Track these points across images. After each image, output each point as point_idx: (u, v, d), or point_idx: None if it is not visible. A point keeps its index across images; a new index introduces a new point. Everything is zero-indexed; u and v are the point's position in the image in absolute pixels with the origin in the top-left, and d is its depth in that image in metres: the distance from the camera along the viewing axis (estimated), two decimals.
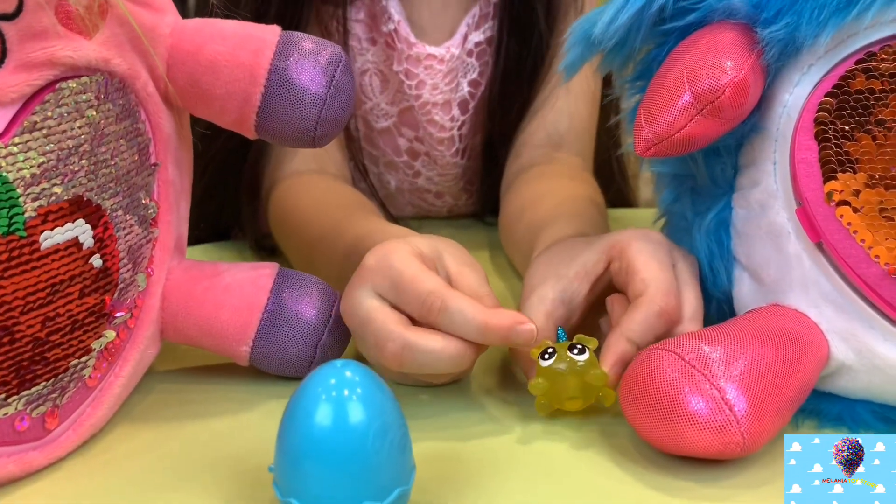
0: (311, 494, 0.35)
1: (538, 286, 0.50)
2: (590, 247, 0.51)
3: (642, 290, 0.47)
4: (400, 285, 0.45)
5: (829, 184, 0.43)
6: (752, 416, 0.40)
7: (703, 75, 0.43)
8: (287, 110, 0.47)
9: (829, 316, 0.44)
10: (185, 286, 0.50)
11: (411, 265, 0.46)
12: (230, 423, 0.48)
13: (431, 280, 0.45)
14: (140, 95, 0.46)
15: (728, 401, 0.40)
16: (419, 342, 0.44)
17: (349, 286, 0.48)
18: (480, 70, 0.72)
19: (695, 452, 0.41)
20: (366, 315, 0.45)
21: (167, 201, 0.49)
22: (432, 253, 0.48)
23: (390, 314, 0.45)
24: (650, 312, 0.46)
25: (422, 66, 0.70)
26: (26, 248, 0.40)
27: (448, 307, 0.44)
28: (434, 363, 0.44)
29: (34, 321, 0.41)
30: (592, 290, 0.50)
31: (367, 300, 0.46)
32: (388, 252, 0.46)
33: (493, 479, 0.42)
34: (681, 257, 0.49)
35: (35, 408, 0.42)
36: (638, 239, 0.49)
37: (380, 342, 0.45)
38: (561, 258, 0.51)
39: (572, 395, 0.45)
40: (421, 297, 0.44)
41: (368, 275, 0.46)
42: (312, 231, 0.62)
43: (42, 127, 0.40)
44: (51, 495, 0.42)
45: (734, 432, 0.40)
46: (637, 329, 0.46)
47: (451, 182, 0.76)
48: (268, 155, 0.69)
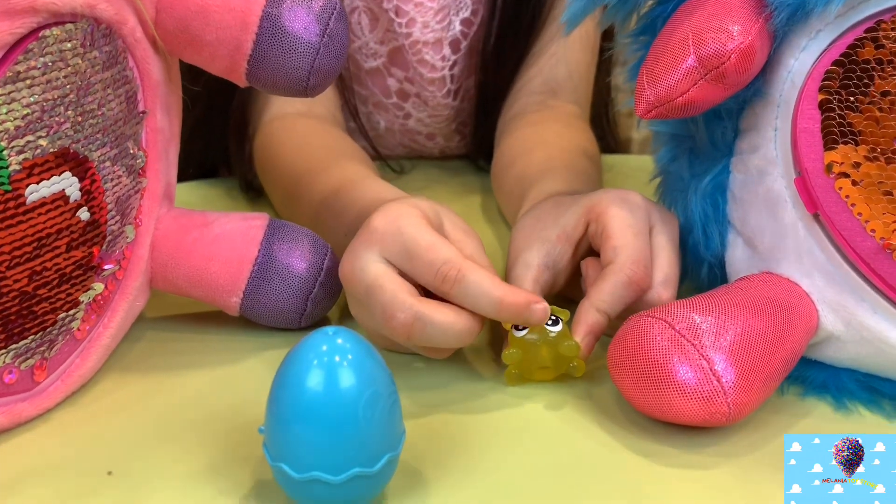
0: (300, 460, 0.36)
1: (523, 251, 0.49)
2: (570, 209, 0.50)
3: (612, 259, 0.47)
4: (414, 252, 0.43)
5: (829, 155, 0.42)
6: (739, 387, 0.41)
7: (709, 39, 0.42)
8: (279, 59, 0.46)
9: (820, 286, 0.44)
10: (175, 236, 0.49)
11: (425, 232, 0.44)
12: (219, 375, 0.48)
13: (447, 249, 0.43)
14: (128, 41, 0.44)
15: (716, 371, 0.40)
16: (432, 315, 0.42)
17: (352, 248, 0.46)
18: (473, 8, 0.70)
19: (681, 420, 0.41)
20: (373, 281, 0.43)
21: (156, 149, 0.48)
22: (434, 216, 0.47)
23: (401, 283, 0.43)
24: (618, 282, 0.46)
25: (412, 4, 0.68)
26: (11, 203, 0.39)
27: (465, 278, 0.43)
28: (443, 337, 0.43)
29: (21, 276, 0.41)
30: (576, 254, 0.50)
31: (373, 265, 0.44)
32: (398, 216, 0.44)
33: (480, 443, 0.42)
34: (659, 220, 0.49)
35: (23, 360, 0.42)
36: (615, 202, 0.48)
37: (389, 311, 0.43)
38: (545, 221, 0.51)
39: (543, 364, 0.45)
40: (436, 266, 0.43)
41: (376, 238, 0.44)
42: (291, 177, 0.61)
43: (25, 77, 0.39)
44: (40, 445, 0.42)
45: (721, 402, 0.40)
46: (606, 299, 0.46)
47: (442, 124, 0.75)
48: (255, 95, 0.68)
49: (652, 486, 0.40)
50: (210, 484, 0.39)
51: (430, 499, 0.39)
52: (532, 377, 0.46)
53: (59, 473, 0.40)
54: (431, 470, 0.40)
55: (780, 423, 0.44)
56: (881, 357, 0.44)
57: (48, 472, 0.40)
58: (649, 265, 0.47)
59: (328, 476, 0.35)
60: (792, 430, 0.43)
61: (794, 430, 0.43)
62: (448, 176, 0.76)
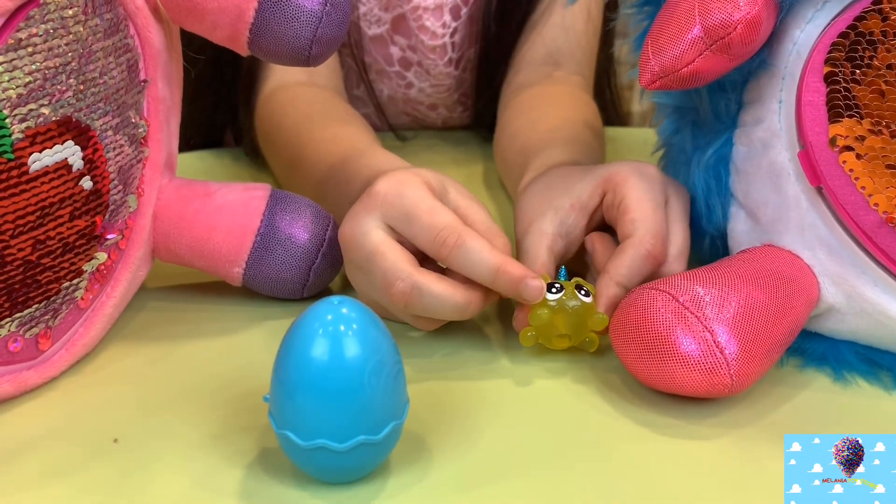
0: (306, 428, 0.36)
1: (536, 218, 0.49)
2: (584, 178, 0.50)
3: (631, 232, 0.47)
4: (414, 216, 0.44)
5: (834, 128, 0.42)
6: (741, 359, 0.41)
7: (715, 9, 0.42)
8: (281, 27, 0.46)
9: (822, 259, 0.45)
10: (177, 206, 0.49)
11: (426, 197, 0.44)
12: (221, 344, 0.48)
13: (447, 214, 0.44)
14: (129, 9, 0.44)
15: (719, 343, 0.41)
16: (430, 285, 0.43)
17: (354, 212, 0.46)
18: None
19: (684, 391, 0.42)
20: (374, 248, 0.44)
21: (157, 119, 0.48)
22: (439, 186, 0.47)
23: (401, 252, 0.44)
24: (637, 255, 0.46)
25: None
26: (14, 171, 0.39)
27: (465, 244, 0.43)
28: (440, 308, 0.44)
29: (24, 244, 0.41)
30: (589, 224, 0.50)
31: (375, 231, 0.44)
32: (400, 181, 0.45)
33: (483, 412, 0.43)
34: (674, 193, 0.49)
35: (28, 329, 0.42)
36: (633, 174, 0.48)
37: (388, 280, 0.44)
38: (556, 189, 0.51)
39: (563, 332, 0.45)
40: (435, 231, 0.43)
41: (378, 202, 0.45)
42: (294, 145, 0.61)
43: (27, 44, 0.39)
44: (45, 413, 0.42)
45: (723, 374, 0.40)
46: (626, 273, 0.46)
47: (444, 94, 0.75)
48: (256, 64, 0.67)
49: (653, 456, 0.40)
50: (215, 451, 0.40)
51: (433, 466, 0.39)
52: (549, 343, 0.46)
53: (64, 441, 0.41)
54: (434, 438, 0.40)
55: (780, 394, 0.44)
56: (881, 329, 0.44)
57: (54, 440, 0.41)
58: (666, 239, 0.47)
59: (334, 443, 0.36)
60: (792, 401, 0.44)
61: (794, 401, 0.44)
62: (450, 145, 0.76)
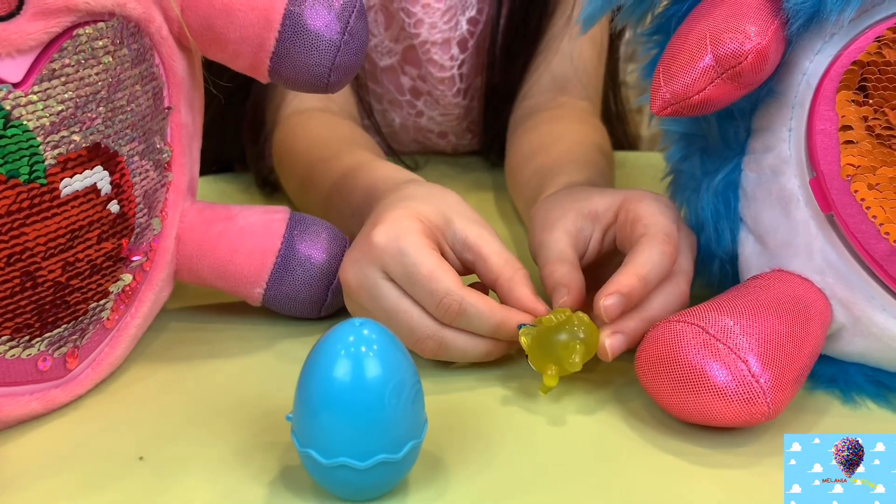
0: (328, 446, 0.37)
1: (560, 219, 0.50)
2: (603, 193, 0.51)
3: (644, 232, 0.47)
4: (415, 279, 0.45)
5: (846, 157, 0.43)
6: (775, 386, 0.41)
7: (726, 39, 0.43)
8: (301, 56, 0.47)
9: (830, 283, 0.45)
10: (199, 229, 0.50)
11: (426, 257, 0.45)
12: (242, 364, 0.49)
13: (446, 278, 0.45)
14: (154, 39, 0.45)
15: (754, 373, 0.41)
16: (456, 341, 0.46)
17: (353, 257, 0.47)
18: (479, 7, 0.71)
19: (721, 423, 0.42)
20: (393, 308, 0.45)
21: (180, 144, 0.49)
22: (441, 221, 0.47)
23: (416, 309, 0.45)
24: (654, 245, 0.46)
25: (419, 5, 0.69)
26: (47, 196, 0.41)
27: (465, 311, 0.45)
28: (465, 357, 0.47)
29: (55, 266, 0.42)
30: (602, 240, 0.50)
31: (383, 285, 0.45)
32: (399, 234, 0.45)
33: (501, 433, 0.43)
34: (684, 227, 0.50)
35: (57, 348, 0.43)
36: (648, 198, 0.49)
37: (416, 336, 0.46)
38: (577, 196, 0.51)
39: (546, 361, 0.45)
40: (437, 298, 0.44)
41: (376, 254, 0.45)
42: (306, 164, 0.62)
43: (60, 74, 0.40)
44: (72, 430, 0.44)
45: (761, 403, 0.41)
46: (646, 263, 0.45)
47: (453, 122, 0.76)
48: (272, 92, 0.69)
49: (678, 484, 0.40)
50: (239, 469, 0.40)
51: (450, 485, 0.40)
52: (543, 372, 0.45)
53: (91, 458, 0.42)
54: (452, 457, 0.41)
55: (804, 422, 0.44)
56: (890, 354, 0.45)
57: (81, 457, 0.42)
58: (677, 245, 0.47)
59: (355, 462, 0.37)
60: (815, 429, 0.44)
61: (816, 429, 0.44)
62: (460, 172, 0.77)
